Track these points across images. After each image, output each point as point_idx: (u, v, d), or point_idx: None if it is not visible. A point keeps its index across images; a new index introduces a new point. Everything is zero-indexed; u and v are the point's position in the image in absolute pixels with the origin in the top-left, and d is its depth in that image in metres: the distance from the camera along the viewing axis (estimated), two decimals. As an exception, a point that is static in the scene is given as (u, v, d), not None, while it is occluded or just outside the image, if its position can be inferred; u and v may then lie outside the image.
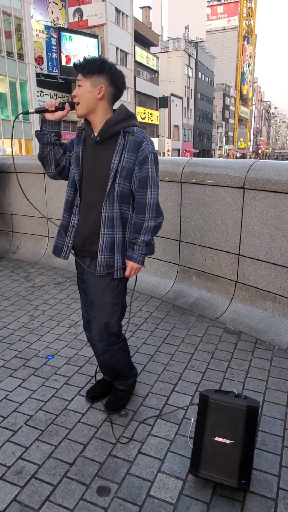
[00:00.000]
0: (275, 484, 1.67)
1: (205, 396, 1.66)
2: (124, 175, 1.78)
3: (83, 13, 28.41)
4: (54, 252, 1.99)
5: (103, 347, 1.95)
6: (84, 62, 1.75)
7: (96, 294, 1.89)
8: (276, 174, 2.77)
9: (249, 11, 70.79)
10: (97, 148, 1.82)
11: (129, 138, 1.78)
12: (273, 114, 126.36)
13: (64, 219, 1.92)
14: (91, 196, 1.84)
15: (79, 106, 1.79)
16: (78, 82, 1.78)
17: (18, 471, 1.74)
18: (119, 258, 1.84)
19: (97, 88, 1.75)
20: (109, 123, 1.78)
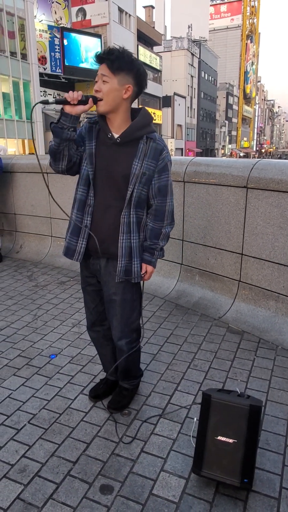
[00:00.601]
0: (278, 483, 1.67)
1: (208, 395, 1.66)
2: (144, 181, 1.76)
3: (86, 12, 28.39)
4: (66, 254, 1.90)
5: (124, 345, 1.97)
6: (113, 56, 1.62)
7: (117, 293, 1.90)
8: (279, 173, 2.77)
9: (252, 10, 70.60)
10: (116, 149, 1.75)
11: (150, 144, 1.75)
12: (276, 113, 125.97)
13: (77, 219, 1.83)
14: (108, 198, 1.79)
15: (102, 103, 1.68)
16: (103, 77, 1.65)
17: (21, 469, 1.75)
18: (138, 263, 1.86)
19: (125, 87, 1.67)
20: (134, 127, 1.73)
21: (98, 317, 2.07)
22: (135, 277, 1.86)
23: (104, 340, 2.13)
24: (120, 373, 2.12)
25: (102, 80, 1.66)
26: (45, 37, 24.52)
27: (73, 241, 1.86)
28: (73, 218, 1.85)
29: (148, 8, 43.65)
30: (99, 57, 1.66)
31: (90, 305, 2.06)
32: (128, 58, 1.65)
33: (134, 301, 1.95)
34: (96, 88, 1.68)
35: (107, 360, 2.20)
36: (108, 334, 2.10)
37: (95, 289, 2.01)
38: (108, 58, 1.63)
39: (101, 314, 2.06)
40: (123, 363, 2.04)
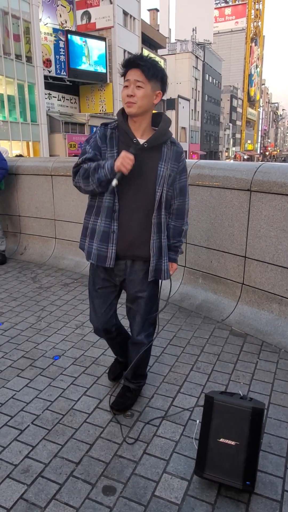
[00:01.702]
0: (280, 486, 1.67)
1: (211, 397, 1.67)
2: (170, 183, 1.86)
3: (91, 16, 28.55)
4: (97, 261, 1.90)
5: (143, 338, 2.04)
6: (148, 63, 1.70)
7: (142, 291, 1.97)
8: (283, 176, 2.77)
9: (257, 13, 70.65)
10: (141, 154, 1.77)
11: (173, 148, 1.86)
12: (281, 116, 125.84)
13: (106, 225, 1.85)
14: (135, 202, 1.83)
15: (135, 106, 1.73)
16: (137, 82, 1.71)
17: (25, 469, 1.76)
18: (167, 262, 1.95)
19: (155, 93, 1.77)
20: (160, 133, 1.82)
21: (105, 323, 2.05)
22: (165, 275, 1.94)
23: (112, 341, 2.23)
24: (130, 369, 2.10)
25: (136, 86, 1.72)
26: (50, 40, 24.68)
27: (103, 247, 1.88)
28: (101, 225, 1.86)
29: (152, 11, 43.80)
30: (133, 62, 1.71)
31: (99, 309, 2.04)
32: (159, 66, 1.76)
33: (155, 296, 2.05)
34: (130, 93, 1.72)
35: (117, 351, 2.31)
36: (112, 336, 2.16)
37: (107, 291, 2.02)
38: (143, 65, 1.70)
39: (108, 320, 2.05)
40: (138, 358, 2.07)
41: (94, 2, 28.18)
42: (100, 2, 28.01)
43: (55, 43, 24.89)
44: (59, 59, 25.31)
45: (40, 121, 23.16)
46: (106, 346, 2.78)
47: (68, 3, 27.20)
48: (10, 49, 21.06)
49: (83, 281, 4.09)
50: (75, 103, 29.22)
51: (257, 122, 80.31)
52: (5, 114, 21.12)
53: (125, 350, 2.21)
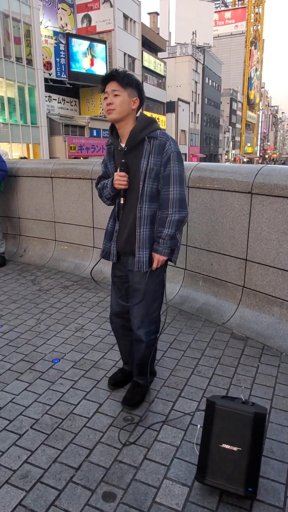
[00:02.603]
0: (283, 493, 1.65)
1: (212, 402, 1.65)
2: (153, 176, 1.94)
3: (92, 19, 28.64)
4: (104, 256, 2.17)
5: (143, 334, 2.10)
6: (121, 74, 1.90)
7: (140, 282, 2.06)
8: (284, 179, 2.76)
9: (256, 16, 70.93)
10: (127, 158, 1.97)
11: (154, 142, 1.93)
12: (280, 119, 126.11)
13: (111, 226, 2.12)
14: (129, 202, 2.01)
15: (115, 112, 1.90)
16: (114, 91, 1.89)
17: (23, 475, 1.73)
18: (145, 253, 2.01)
19: (132, 99, 1.93)
20: (134, 133, 1.94)
21: (120, 308, 2.23)
22: (143, 266, 2.00)
23: (124, 330, 2.27)
24: (136, 366, 2.22)
25: (114, 95, 1.89)
26: (51, 43, 24.73)
27: (107, 245, 2.15)
28: (108, 226, 2.15)
29: (153, 15, 43.93)
30: (108, 76, 1.91)
31: (115, 295, 2.25)
32: (133, 77, 1.94)
33: (156, 292, 2.10)
34: (108, 101, 1.90)
35: (126, 350, 2.33)
36: (127, 325, 2.23)
37: (121, 281, 2.19)
38: (118, 76, 1.89)
39: (124, 306, 2.20)
40: (139, 356, 2.16)
41: (95, 6, 28.27)
42: (100, 5, 28.10)
43: (55, 46, 24.94)
44: (60, 61, 25.35)
45: (40, 124, 23.17)
46: (106, 349, 2.76)
47: (69, 6, 27.28)
48: (10, 51, 21.10)
49: (83, 284, 4.07)
50: (75, 105, 29.26)
51: (256, 125, 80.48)
52: (5, 116, 21.14)
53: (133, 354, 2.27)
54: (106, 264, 4.26)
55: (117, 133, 2.02)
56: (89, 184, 4.25)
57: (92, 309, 3.46)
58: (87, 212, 4.35)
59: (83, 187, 4.31)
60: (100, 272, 4.25)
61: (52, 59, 24.93)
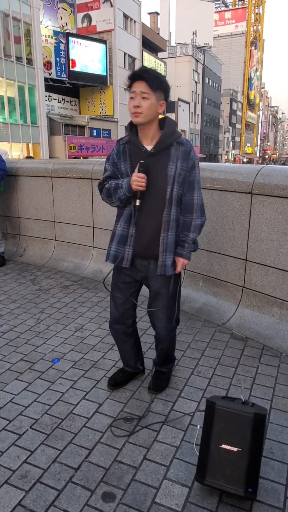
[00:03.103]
0: (283, 493, 1.65)
1: (212, 402, 1.65)
2: (181, 181, 1.96)
3: (92, 18, 28.62)
4: (114, 261, 2.07)
5: (168, 334, 2.18)
6: (152, 76, 1.83)
7: (164, 286, 2.09)
8: (285, 179, 2.76)
9: (257, 17, 70.93)
10: (151, 160, 1.92)
11: (180, 148, 1.94)
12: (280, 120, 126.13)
13: (124, 229, 2.03)
14: (149, 205, 1.95)
15: (142, 116, 1.85)
16: (143, 94, 1.83)
17: (23, 475, 1.73)
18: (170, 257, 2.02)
19: (159, 103, 1.89)
20: (165, 136, 1.92)
21: (122, 314, 2.21)
22: (168, 269, 2.02)
23: (124, 336, 2.27)
24: (160, 358, 2.30)
25: (142, 97, 1.84)
26: (51, 42, 24.73)
27: (120, 249, 2.05)
28: (119, 229, 2.05)
29: (153, 15, 43.93)
30: (139, 75, 1.84)
31: (118, 300, 2.20)
32: (162, 78, 1.88)
33: (177, 292, 2.16)
34: (136, 104, 1.85)
35: (126, 354, 2.35)
36: (127, 331, 2.26)
37: (127, 286, 2.16)
38: (148, 77, 1.82)
39: (126, 311, 2.21)
40: (165, 349, 2.24)
41: (95, 5, 28.26)
42: (101, 5, 28.09)
43: (55, 46, 24.94)
44: (60, 61, 25.35)
45: (40, 123, 23.16)
46: (106, 349, 2.76)
47: (69, 6, 27.28)
48: (10, 51, 21.09)
49: (82, 284, 4.06)
50: (75, 105, 29.26)
51: (256, 125, 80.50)
52: (5, 116, 21.13)
53: (135, 356, 2.35)
54: (106, 264, 4.26)
55: (136, 131, 1.96)
56: (89, 184, 4.24)
57: (92, 309, 3.45)
58: (87, 212, 4.34)
59: (83, 187, 4.31)
60: (100, 272, 4.25)
61: (52, 58, 24.93)
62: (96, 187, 4.14)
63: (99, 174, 4.11)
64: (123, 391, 2.30)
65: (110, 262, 2.09)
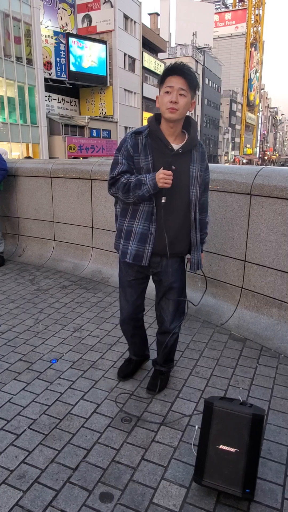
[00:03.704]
0: (280, 494, 1.65)
1: (210, 403, 1.65)
2: (200, 182, 2.02)
3: (92, 19, 28.64)
4: (134, 260, 2.03)
5: (174, 328, 2.23)
6: (192, 74, 1.83)
7: (176, 281, 2.15)
8: (284, 180, 2.76)
9: (257, 18, 71.03)
10: (175, 159, 1.90)
11: (200, 149, 2.01)
12: (280, 121, 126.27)
13: (144, 228, 1.98)
14: (171, 204, 1.95)
15: (177, 113, 1.84)
16: (181, 91, 1.81)
17: (21, 475, 1.73)
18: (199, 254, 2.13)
19: (192, 102, 1.91)
20: (192, 139, 1.95)
21: (134, 310, 2.27)
22: (199, 265, 2.14)
23: (135, 330, 2.36)
24: (163, 356, 2.32)
25: (180, 93, 1.81)
26: (51, 42, 24.74)
27: (140, 247, 2.01)
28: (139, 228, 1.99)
29: (153, 15, 43.96)
30: (180, 70, 1.80)
31: (130, 298, 2.23)
32: (196, 77, 1.88)
33: (184, 287, 2.24)
34: (173, 99, 1.80)
35: (136, 346, 2.45)
36: (138, 325, 2.35)
37: (138, 282, 2.20)
38: (189, 74, 1.81)
39: (137, 307, 2.27)
40: (170, 345, 2.27)
41: (95, 6, 28.28)
42: (101, 5, 28.11)
43: (55, 46, 24.96)
44: (60, 61, 25.36)
45: (40, 123, 23.16)
46: (104, 350, 2.76)
47: (69, 6, 27.31)
48: (10, 51, 21.10)
49: (81, 284, 4.06)
50: (75, 105, 29.27)
51: (256, 126, 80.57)
52: (5, 116, 21.12)
53: (144, 346, 2.47)
54: (105, 265, 4.26)
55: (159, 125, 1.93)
56: (88, 184, 4.25)
57: (91, 309, 3.45)
58: (86, 212, 4.34)
59: (82, 187, 4.31)
60: (99, 272, 4.25)
61: (52, 59, 24.95)
62: (95, 188, 4.17)
63: (98, 175, 4.12)
64: (122, 392, 2.30)
65: (131, 261, 2.03)
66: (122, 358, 2.65)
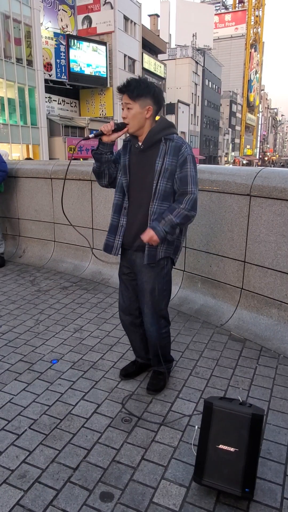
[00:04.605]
0: (279, 494, 1.66)
1: (210, 403, 1.66)
2: (167, 176, 2.01)
3: (92, 20, 28.69)
4: (105, 249, 2.18)
5: (155, 330, 2.21)
6: (131, 87, 1.93)
7: (148, 282, 2.13)
8: (283, 181, 2.77)
9: (256, 19, 71.13)
10: (142, 155, 2.06)
11: (170, 144, 2.01)
12: (280, 122, 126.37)
13: (114, 220, 2.16)
14: (139, 198, 2.06)
15: (130, 126, 2.01)
16: (127, 105, 1.97)
17: (21, 475, 1.74)
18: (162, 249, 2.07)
19: (145, 108, 1.98)
20: (151, 133, 2.02)
21: (128, 305, 2.31)
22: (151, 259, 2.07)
23: (133, 327, 2.36)
24: (153, 358, 2.33)
25: (127, 108, 1.98)
26: (51, 44, 24.78)
27: (111, 238, 2.16)
28: (111, 220, 2.18)
29: (153, 17, 44.03)
30: (120, 90, 1.97)
31: (124, 292, 2.30)
32: (144, 85, 1.95)
33: (164, 291, 2.18)
34: (123, 115, 2.01)
35: (136, 344, 2.43)
36: (135, 321, 2.33)
37: (129, 278, 2.25)
38: (127, 90, 1.94)
39: (131, 303, 2.29)
40: (155, 348, 2.25)
41: (95, 7, 28.33)
42: (101, 7, 28.16)
43: (56, 47, 25.00)
44: (60, 63, 25.40)
45: (40, 125, 23.19)
46: (104, 350, 2.77)
47: (69, 8, 27.36)
48: (11, 52, 21.13)
49: (81, 285, 4.07)
50: (75, 106, 29.31)
51: (256, 127, 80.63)
52: (5, 117, 21.15)
53: (145, 347, 2.40)
54: (105, 266, 4.27)
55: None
56: (89, 185, 4.26)
57: (91, 310, 3.46)
58: (87, 213, 4.36)
59: (82, 188, 4.32)
60: (99, 273, 4.26)
61: (53, 60, 24.98)
62: (95, 189, 4.19)
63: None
64: (122, 392, 2.31)
65: (103, 250, 2.20)
66: (123, 359, 2.66)
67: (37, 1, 22.32)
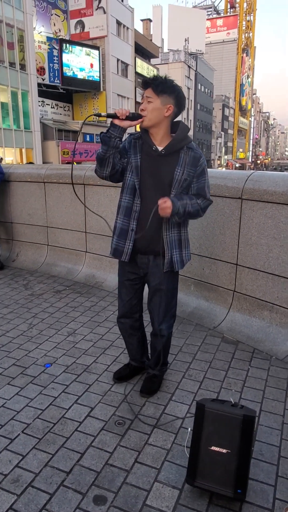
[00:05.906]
0: (271, 494, 1.67)
1: (202, 405, 1.67)
2: (185, 186, 2.03)
3: (85, 25, 28.77)
4: (114, 255, 2.15)
5: (165, 329, 2.23)
6: (157, 81, 1.92)
7: (162, 283, 2.15)
8: (274, 185, 2.81)
9: (248, 24, 71.85)
10: (160, 160, 2.01)
11: (190, 153, 2.01)
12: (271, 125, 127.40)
13: (124, 223, 2.09)
14: (154, 203, 1.97)
15: (147, 119, 1.96)
16: (148, 98, 1.94)
17: (14, 479, 1.74)
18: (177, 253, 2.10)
19: (166, 106, 1.95)
20: (176, 140, 1.99)
21: (129, 309, 2.30)
22: (177, 265, 2.10)
23: (132, 330, 2.37)
24: (155, 358, 2.33)
25: (147, 101, 1.95)
26: (44, 48, 24.79)
27: (121, 243, 2.11)
28: (119, 223, 2.11)
29: (145, 21, 44.30)
30: (146, 82, 1.96)
31: (125, 297, 2.28)
32: (170, 84, 1.95)
33: (175, 290, 2.24)
34: (142, 107, 1.97)
35: (133, 348, 2.44)
36: (135, 325, 2.35)
37: (133, 283, 2.24)
38: (153, 83, 1.93)
39: (132, 307, 2.29)
40: (160, 348, 2.26)
41: (88, 12, 28.43)
42: (94, 11, 28.26)
43: (49, 52, 25.01)
44: (53, 67, 25.41)
45: (34, 128, 23.16)
46: (98, 354, 2.78)
47: (62, 12, 27.40)
48: (4, 56, 21.10)
49: (75, 288, 4.07)
50: (69, 110, 29.32)
51: (248, 131, 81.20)
52: (-2, 121, 21.11)
53: (142, 349, 2.44)
54: (98, 269, 4.28)
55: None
56: (82, 189, 4.27)
57: (84, 314, 3.47)
58: (80, 217, 4.36)
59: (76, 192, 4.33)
60: (92, 276, 4.27)
61: (46, 64, 24.99)
62: (88, 192, 4.20)
63: (92, 180, 4.14)
64: (115, 395, 2.31)
65: (111, 255, 2.16)
66: (116, 362, 2.66)
67: (30, 6, 22.34)
